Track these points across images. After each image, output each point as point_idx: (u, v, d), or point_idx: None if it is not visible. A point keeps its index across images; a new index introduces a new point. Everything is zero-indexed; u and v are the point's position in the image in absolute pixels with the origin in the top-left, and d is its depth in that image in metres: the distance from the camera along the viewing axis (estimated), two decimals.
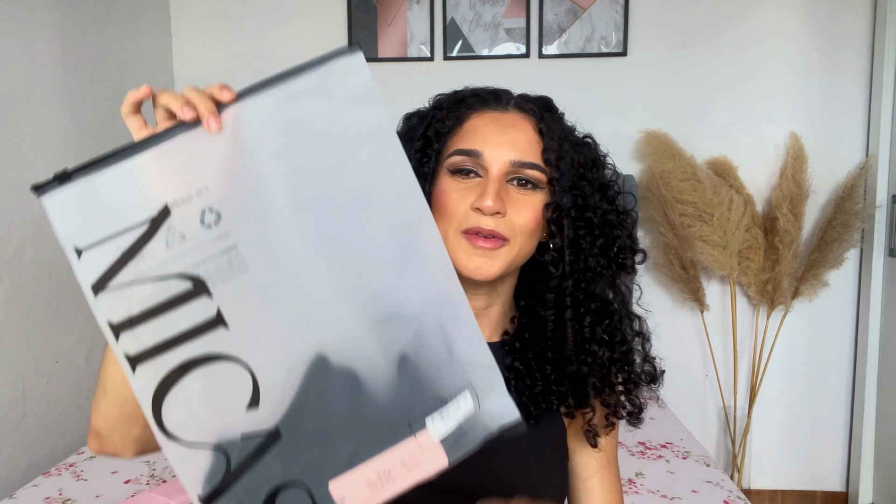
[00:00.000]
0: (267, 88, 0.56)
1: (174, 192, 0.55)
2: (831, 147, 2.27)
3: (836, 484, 2.40)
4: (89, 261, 0.54)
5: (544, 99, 0.81)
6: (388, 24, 2.32)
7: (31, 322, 1.69)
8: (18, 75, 1.64)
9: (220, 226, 0.55)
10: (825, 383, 2.37)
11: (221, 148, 0.55)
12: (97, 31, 1.97)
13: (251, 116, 0.55)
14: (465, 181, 0.73)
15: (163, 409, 0.56)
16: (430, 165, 0.76)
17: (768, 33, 2.27)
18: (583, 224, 0.75)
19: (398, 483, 0.59)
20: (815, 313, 2.34)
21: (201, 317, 0.55)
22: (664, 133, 2.20)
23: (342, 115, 0.57)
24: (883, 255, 2.21)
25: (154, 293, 0.55)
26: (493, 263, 0.72)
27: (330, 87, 0.57)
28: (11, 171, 1.62)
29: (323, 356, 0.57)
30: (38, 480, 1.40)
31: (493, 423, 0.61)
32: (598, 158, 0.80)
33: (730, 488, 1.39)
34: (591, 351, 0.77)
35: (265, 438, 0.57)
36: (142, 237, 0.54)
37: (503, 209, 0.71)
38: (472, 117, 0.76)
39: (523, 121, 0.75)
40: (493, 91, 0.79)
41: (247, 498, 0.57)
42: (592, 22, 2.28)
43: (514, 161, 0.72)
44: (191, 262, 0.55)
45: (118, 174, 0.56)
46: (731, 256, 2.15)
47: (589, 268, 0.76)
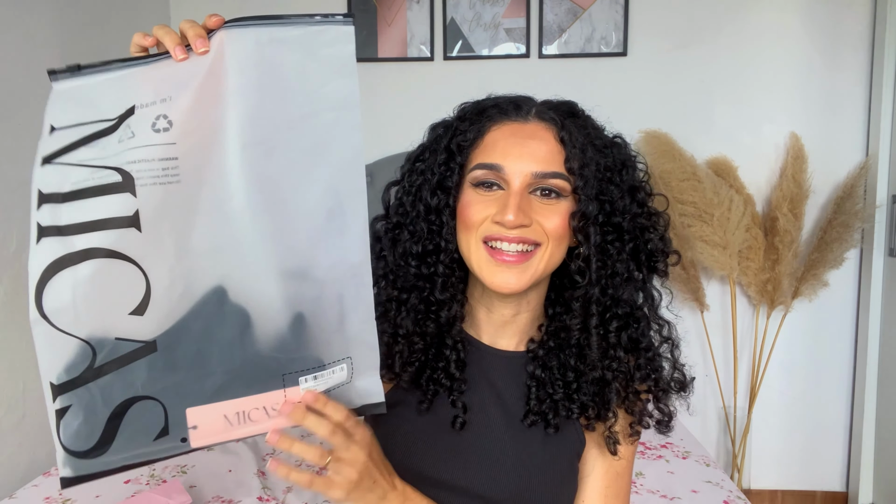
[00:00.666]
0: (255, 25, 0.58)
1: (144, 97, 0.57)
2: (831, 147, 2.27)
3: (836, 484, 2.40)
4: (55, 138, 0.57)
5: (567, 104, 0.79)
6: (388, 24, 2.32)
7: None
8: (18, 75, 1.64)
9: (168, 133, 0.57)
10: (825, 383, 2.37)
11: (198, 66, 0.57)
12: (97, 31, 1.97)
13: (233, 46, 0.58)
14: (488, 193, 0.73)
15: (46, 287, 0.56)
16: (454, 178, 0.75)
17: (768, 33, 2.27)
18: (611, 229, 0.74)
19: (254, 427, 0.62)
20: (815, 313, 2.34)
21: (119, 212, 0.56)
22: (664, 133, 2.20)
23: (317, 75, 0.59)
24: (883, 255, 2.21)
25: (87, 178, 0.56)
26: (522, 277, 0.72)
27: (314, 45, 0.59)
28: (11, 171, 1.62)
29: (223, 288, 0.59)
30: (38, 480, 1.40)
31: (360, 399, 0.66)
32: (628, 160, 0.78)
33: (730, 488, 1.39)
34: (617, 357, 0.76)
35: (139, 347, 0.58)
36: (104, 130, 0.57)
37: (527, 221, 0.70)
38: (493, 129, 0.75)
39: (544, 130, 0.74)
40: (514, 101, 0.77)
41: (101, 398, 0.58)
42: (592, 22, 2.28)
43: (535, 173, 0.71)
44: (129, 158, 0.56)
45: (112, 78, 0.58)
46: (731, 256, 2.15)
47: (617, 273, 0.74)
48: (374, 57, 2.33)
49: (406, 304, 0.78)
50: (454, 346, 0.79)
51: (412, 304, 0.77)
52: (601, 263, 0.74)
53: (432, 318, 0.77)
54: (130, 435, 0.59)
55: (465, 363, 0.79)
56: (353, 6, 2.31)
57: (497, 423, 0.80)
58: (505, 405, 0.80)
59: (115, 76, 0.58)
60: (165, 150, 0.57)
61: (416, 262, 0.77)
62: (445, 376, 0.79)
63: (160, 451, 0.61)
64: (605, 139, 0.78)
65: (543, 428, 0.78)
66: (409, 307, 0.77)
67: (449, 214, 0.76)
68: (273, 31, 0.58)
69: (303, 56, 0.59)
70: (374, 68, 2.35)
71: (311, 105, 0.60)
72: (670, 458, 1.56)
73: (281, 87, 0.59)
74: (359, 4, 2.31)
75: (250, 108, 0.58)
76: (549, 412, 0.77)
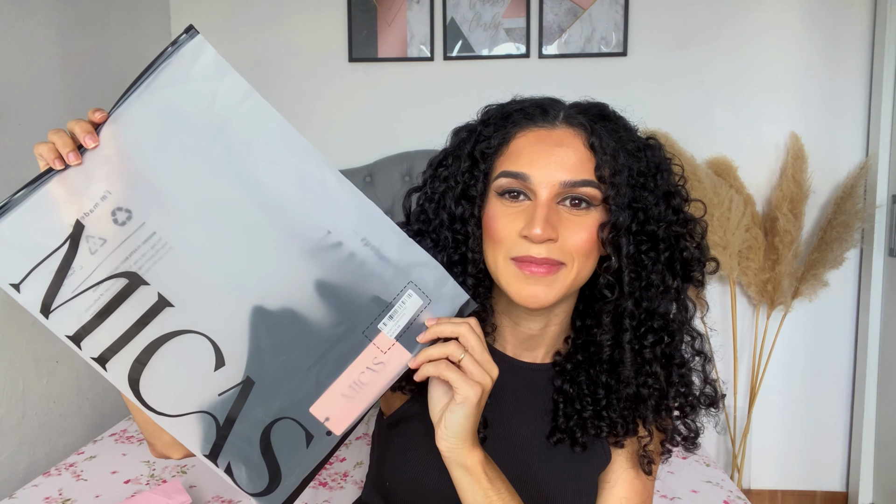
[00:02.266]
0: (129, 94, 0.62)
1: (81, 207, 0.60)
2: (831, 147, 2.27)
3: (836, 484, 2.40)
4: (28, 291, 0.60)
5: (598, 107, 0.75)
6: (388, 24, 2.32)
7: (31, 322, 1.69)
8: (18, 75, 1.64)
9: (133, 220, 0.61)
10: (825, 383, 2.37)
11: (109, 157, 0.61)
12: (97, 31, 1.97)
13: (125, 122, 0.62)
14: (514, 205, 0.69)
15: (142, 393, 0.63)
16: (479, 187, 0.72)
17: (768, 33, 2.27)
18: (645, 238, 0.70)
19: (372, 388, 0.65)
20: (815, 313, 2.34)
21: (146, 304, 0.61)
22: (664, 133, 2.20)
23: (204, 92, 0.63)
24: (883, 255, 2.21)
25: (96, 298, 0.61)
26: (550, 291, 0.68)
27: (183, 72, 0.63)
28: (11, 171, 1.62)
29: (259, 306, 0.63)
30: (38, 480, 1.40)
31: (451, 309, 0.67)
32: (663, 163, 0.74)
33: (730, 488, 1.39)
34: (653, 372, 0.73)
35: (240, 389, 0.64)
36: (67, 255, 0.60)
37: (554, 235, 0.67)
38: (519, 136, 0.71)
39: (573, 136, 0.69)
40: (541, 104, 0.73)
41: (244, 443, 0.64)
42: (592, 22, 2.27)
43: (564, 182, 0.67)
44: (119, 259, 0.61)
45: (21, 214, 0.60)
46: (731, 256, 2.15)
47: (652, 284, 0.71)
48: (373, 57, 2.33)
49: None
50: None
51: None
52: (634, 275, 0.70)
53: None
54: (288, 455, 0.65)
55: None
56: (353, 6, 2.31)
57: (520, 440, 0.76)
58: (529, 421, 0.77)
59: (20, 213, 0.60)
60: (142, 232, 0.61)
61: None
62: None
63: (319, 452, 0.66)
64: (639, 142, 0.74)
65: (570, 446, 0.75)
66: None
67: (475, 224, 0.72)
68: (146, 86, 0.62)
69: (182, 85, 0.62)
70: (374, 68, 2.35)
71: (218, 116, 0.63)
72: (670, 457, 1.56)
73: (184, 120, 0.62)
74: (359, 4, 2.31)
75: (176, 153, 0.62)
76: (577, 430, 0.74)
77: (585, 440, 0.75)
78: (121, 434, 1.62)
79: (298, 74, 2.37)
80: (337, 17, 2.34)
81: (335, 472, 1.46)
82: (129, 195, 0.61)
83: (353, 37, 2.33)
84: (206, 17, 2.38)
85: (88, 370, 1.92)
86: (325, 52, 2.36)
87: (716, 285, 2.35)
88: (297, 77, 2.37)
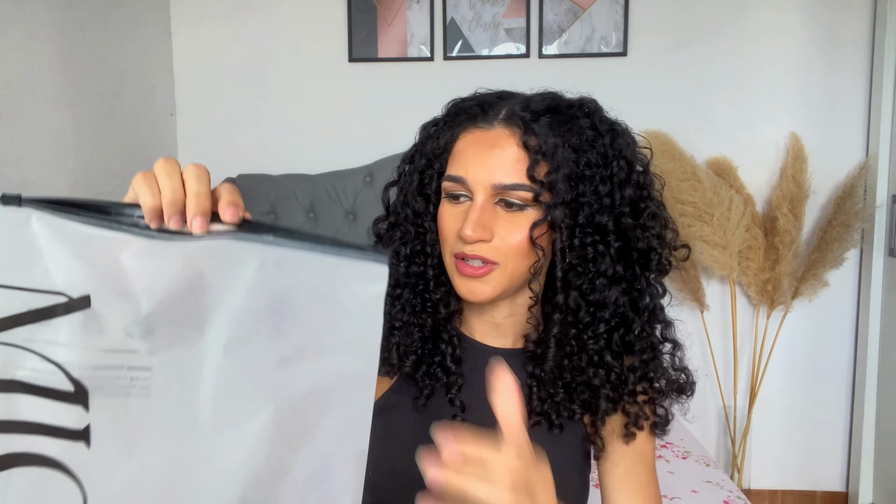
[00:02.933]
0: (266, 235, 0.46)
1: (114, 283, 0.45)
2: (831, 147, 2.27)
3: (836, 484, 2.40)
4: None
5: (549, 99, 0.74)
6: (388, 24, 2.32)
7: None
8: (18, 75, 1.64)
9: (145, 341, 0.46)
10: (825, 383, 2.37)
11: (188, 265, 0.46)
12: (97, 30, 1.97)
13: (237, 253, 0.46)
14: (457, 205, 0.73)
15: None
16: (433, 186, 0.76)
17: (768, 33, 2.27)
18: (591, 231, 0.71)
19: None
20: (815, 313, 2.34)
21: (65, 422, 0.46)
22: (664, 133, 2.20)
23: (332, 316, 0.48)
24: (883, 255, 2.21)
25: (34, 371, 0.45)
26: (485, 287, 0.72)
27: (335, 278, 0.47)
28: (11, 171, 1.62)
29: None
30: None
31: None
32: (625, 150, 0.73)
33: (730, 488, 1.39)
34: (604, 362, 0.74)
35: None
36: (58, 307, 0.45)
37: (486, 235, 0.69)
38: (461, 137, 0.74)
39: (507, 137, 0.70)
40: (485, 103, 0.74)
41: None
42: (592, 22, 2.27)
43: (495, 185, 0.69)
44: (88, 361, 0.46)
45: (76, 235, 0.45)
46: (731, 256, 2.15)
47: (601, 274, 0.72)
48: (373, 57, 2.33)
49: (401, 300, 0.78)
50: (450, 341, 0.78)
51: (406, 298, 0.78)
52: (581, 269, 0.72)
53: (429, 312, 0.78)
54: None
55: (460, 359, 0.79)
56: (353, 6, 2.31)
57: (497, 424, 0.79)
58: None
59: (82, 233, 0.45)
60: (138, 358, 0.46)
61: (406, 262, 0.78)
62: (442, 370, 0.78)
63: None
64: (597, 131, 0.73)
65: (548, 428, 0.77)
66: (403, 302, 0.78)
67: (431, 219, 0.77)
68: (288, 253, 0.46)
69: (320, 289, 0.47)
70: (374, 68, 2.35)
71: (317, 348, 0.48)
72: (670, 458, 1.56)
73: (284, 320, 0.48)
74: (359, 4, 2.31)
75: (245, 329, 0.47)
76: (552, 412, 0.76)
77: (561, 421, 0.76)
78: None
79: (298, 74, 2.37)
80: (337, 17, 2.34)
81: None
82: (167, 317, 0.46)
83: (353, 37, 2.33)
84: (206, 17, 2.38)
85: None
86: (325, 52, 2.36)
87: (716, 285, 2.35)
88: (297, 77, 2.37)
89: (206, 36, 2.39)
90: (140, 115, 2.19)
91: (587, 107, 0.75)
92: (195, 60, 2.40)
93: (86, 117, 1.90)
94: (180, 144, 2.44)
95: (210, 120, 2.41)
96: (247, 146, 2.41)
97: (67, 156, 1.82)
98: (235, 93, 2.39)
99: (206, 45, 2.39)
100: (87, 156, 1.91)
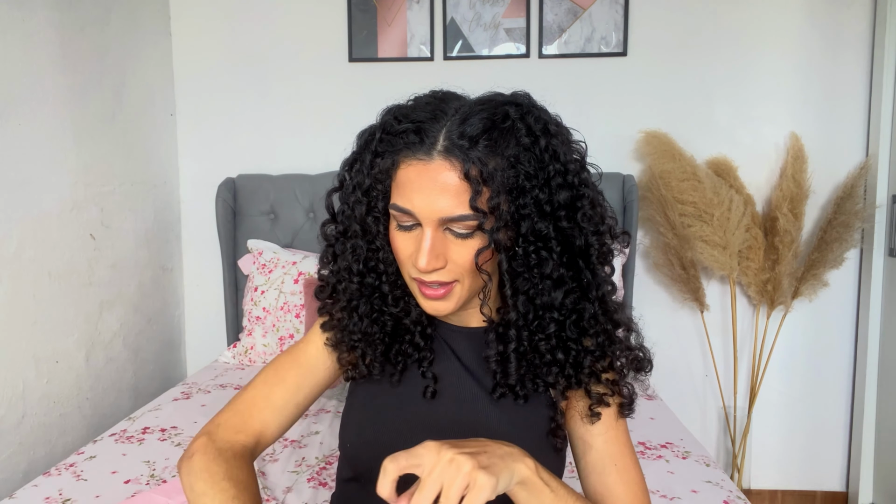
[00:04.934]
0: None
1: None
2: (831, 147, 2.27)
3: (836, 484, 2.40)
4: None
5: (483, 121, 0.71)
6: (388, 24, 2.32)
7: (31, 322, 1.69)
8: (18, 75, 1.64)
9: None
10: (825, 383, 2.37)
11: None
12: (97, 30, 1.97)
13: None
14: (408, 232, 0.74)
15: None
16: (380, 206, 0.77)
17: (768, 33, 2.27)
18: (533, 239, 0.73)
19: None
20: (815, 313, 2.34)
21: None
22: (664, 133, 2.20)
23: None
24: (883, 255, 2.21)
25: None
26: (449, 303, 0.75)
27: None
28: (11, 171, 1.62)
29: None
30: (38, 480, 1.40)
31: None
32: (556, 152, 0.73)
33: (730, 488, 1.39)
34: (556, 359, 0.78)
35: None
36: None
37: (439, 264, 0.72)
38: (402, 165, 0.73)
39: (448, 169, 0.70)
40: (420, 130, 0.72)
41: None
42: (592, 22, 2.28)
43: (441, 218, 0.71)
44: None
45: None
46: (731, 256, 2.15)
47: (546, 276, 0.75)
48: (373, 57, 2.33)
49: (357, 311, 0.82)
50: (418, 321, 0.83)
51: (363, 310, 0.81)
52: (527, 276, 0.74)
53: (390, 317, 0.82)
54: None
55: (431, 336, 0.84)
56: (353, 6, 2.31)
57: (468, 395, 0.83)
58: (474, 378, 0.84)
59: None
60: None
61: (359, 277, 0.81)
62: (412, 347, 0.83)
63: None
64: (532, 135, 0.73)
65: (513, 399, 0.81)
66: (360, 314, 0.81)
67: (383, 238, 0.78)
68: None
69: None
70: (374, 68, 2.35)
71: None
72: (670, 458, 1.56)
73: None
74: (359, 4, 2.31)
75: None
76: (517, 385, 0.80)
77: (525, 392, 0.80)
78: (121, 434, 1.62)
79: (298, 74, 2.37)
80: (337, 17, 2.34)
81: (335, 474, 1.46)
82: None
83: (353, 37, 2.33)
84: (206, 17, 2.38)
85: (88, 370, 1.92)
86: (325, 52, 2.36)
87: (716, 285, 2.35)
88: (297, 77, 2.37)
89: (206, 36, 2.39)
90: (140, 115, 2.20)
91: (522, 107, 0.73)
92: (195, 60, 2.40)
93: (86, 117, 1.90)
94: (180, 144, 2.44)
95: (210, 120, 2.41)
96: (247, 146, 2.41)
97: (67, 156, 1.82)
98: (235, 93, 2.39)
99: (206, 45, 2.39)
100: (87, 156, 1.91)
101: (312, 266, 2.17)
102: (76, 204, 1.86)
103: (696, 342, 2.39)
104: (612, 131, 2.26)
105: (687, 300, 2.30)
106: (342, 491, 0.93)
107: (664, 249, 2.26)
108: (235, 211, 2.35)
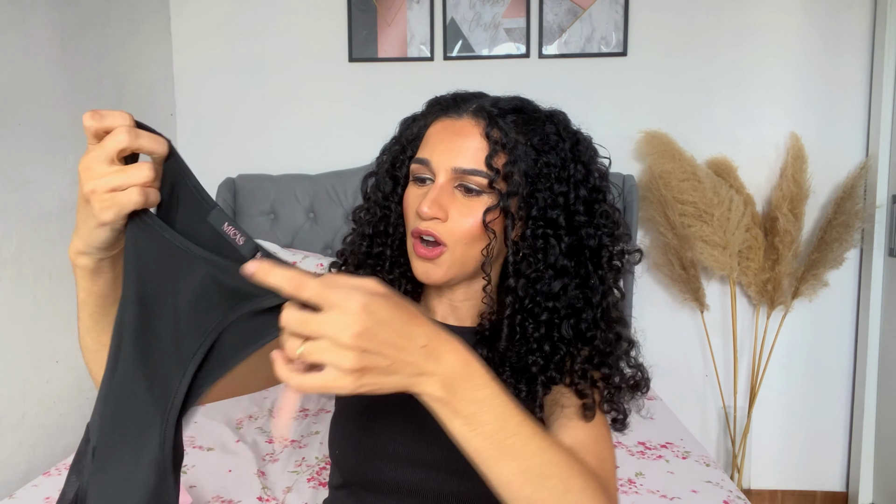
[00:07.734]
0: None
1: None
2: (831, 147, 2.27)
3: (836, 484, 2.40)
4: None
5: (514, 102, 0.79)
6: (388, 24, 2.32)
7: (31, 322, 1.69)
8: (18, 75, 1.64)
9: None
10: (825, 383, 2.37)
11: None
12: (97, 30, 1.97)
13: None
14: (421, 188, 0.77)
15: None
16: (403, 170, 0.82)
17: (768, 33, 2.27)
18: (543, 224, 0.75)
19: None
20: (815, 313, 2.34)
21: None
22: (664, 133, 2.20)
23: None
24: (883, 255, 2.21)
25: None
26: (437, 270, 0.76)
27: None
28: (11, 171, 1.62)
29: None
30: (38, 480, 1.40)
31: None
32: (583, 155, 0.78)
33: (730, 488, 1.39)
34: (542, 350, 0.77)
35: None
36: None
37: (441, 214, 0.74)
38: (432, 125, 0.79)
39: (473, 126, 0.76)
40: (455, 97, 0.81)
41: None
42: (592, 22, 2.27)
43: (455, 168, 0.74)
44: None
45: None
46: (731, 256, 2.15)
47: (550, 265, 0.75)
48: (373, 57, 2.33)
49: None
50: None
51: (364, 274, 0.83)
52: (532, 259, 0.76)
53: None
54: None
55: None
56: (353, 6, 2.31)
57: None
58: None
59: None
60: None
61: (368, 242, 0.84)
62: None
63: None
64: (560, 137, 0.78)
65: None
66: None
67: (397, 202, 0.82)
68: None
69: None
70: (374, 68, 2.35)
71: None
72: (670, 458, 1.56)
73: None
74: (359, 4, 2.31)
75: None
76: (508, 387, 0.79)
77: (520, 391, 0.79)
78: None
79: (298, 74, 2.37)
80: (337, 17, 2.34)
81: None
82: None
83: (353, 37, 2.33)
84: (206, 17, 2.38)
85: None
86: (325, 52, 2.36)
87: (716, 285, 2.35)
88: (297, 77, 2.37)
89: (206, 36, 2.39)
90: (140, 115, 2.18)
91: (556, 117, 0.80)
92: (195, 60, 2.40)
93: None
94: (180, 144, 2.44)
95: (210, 120, 2.41)
96: (247, 146, 2.41)
97: (67, 156, 1.82)
98: (235, 93, 2.39)
99: (206, 45, 2.39)
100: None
101: (313, 266, 2.17)
102: (76, 204, 1.86)
103: (696, 342, 2.39)
104: (612, 131, 2.26)
105: (687, 300, 2.30)
106: (334, 498, 0.92)
107: (664, 249, 2.26)
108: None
